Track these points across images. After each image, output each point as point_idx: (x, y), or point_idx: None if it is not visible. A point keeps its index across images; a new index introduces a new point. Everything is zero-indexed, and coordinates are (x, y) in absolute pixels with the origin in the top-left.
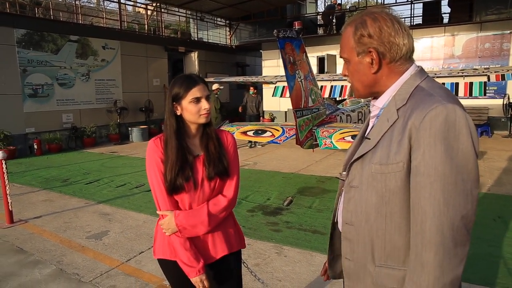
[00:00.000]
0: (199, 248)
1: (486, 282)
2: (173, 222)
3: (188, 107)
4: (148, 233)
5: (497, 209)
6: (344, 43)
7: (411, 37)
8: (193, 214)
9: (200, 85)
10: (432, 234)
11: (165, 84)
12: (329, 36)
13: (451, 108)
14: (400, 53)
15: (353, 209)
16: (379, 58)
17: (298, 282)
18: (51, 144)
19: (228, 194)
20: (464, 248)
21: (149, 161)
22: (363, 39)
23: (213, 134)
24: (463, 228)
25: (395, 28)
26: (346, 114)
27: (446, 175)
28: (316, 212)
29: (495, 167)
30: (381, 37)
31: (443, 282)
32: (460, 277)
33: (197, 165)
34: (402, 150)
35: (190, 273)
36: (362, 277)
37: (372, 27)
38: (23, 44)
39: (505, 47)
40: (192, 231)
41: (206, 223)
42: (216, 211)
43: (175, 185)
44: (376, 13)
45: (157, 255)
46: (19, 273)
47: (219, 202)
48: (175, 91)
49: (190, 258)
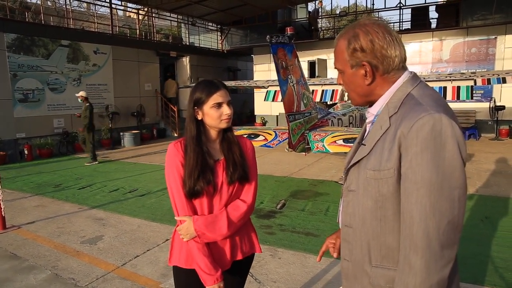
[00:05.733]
0: (215, 253)
1: (475, 280)
2: (192, 227)
3: (210, 112)
4: (143, 238)
5: (484, 210)
6: (337, 55)
7: (403, 47)
8: (212, 219)
9: (221, 90)
10: (419, 238)
11: (156, 89)
12: (320, 41)
13: (438, 118)
14: (393, 64)
15: (351, 212)
16: (373, 70)
17: (293, 283)
18: (42, 149)
19: (247, 200)
20: (452, 251)
21: (169, 165)
22: (356, 53)
23: (234, 138)
24: (450, 232)
25: (387, 41)
26: (337, 118)
27: (432, 182)
28: (309, 215)
29: (482, 169)
30: (374, 50)
31: (429, 284)
32: (446, 278)
33: (217, 169)
34: (392, 157)
35: (208, 280)
36: (360, 277)
37: (365, 40)
38: (13, 48)
39: (490, 52)
40: (211, 236)
41: (225, 228)
42: (236, 216)
43: (195, 190)
44: (368, 25)
45: (172, 262)
46: (14, 278)
47: (239, 207)
48: (196, 96)
49: (209, 265)
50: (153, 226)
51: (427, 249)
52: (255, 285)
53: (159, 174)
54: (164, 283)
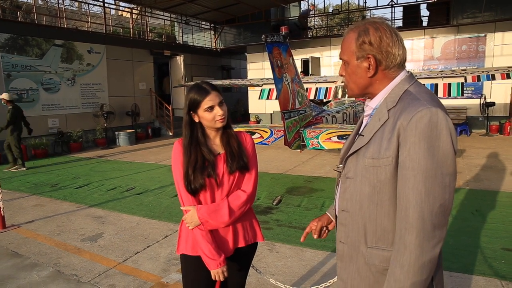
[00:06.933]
0: (218, 241)
1: (465, 269)
2: (196, 216)
3: (204, 115)
4: (143, 234)
5: (475, 203)
6: (345, 46)
7: (405, 49)
8: (214, 208)
9: (211, 94)
10: (414, 219)
11: (151, 88)
12: (313, 39)
13: (434, 111)
14: (395, 62)
15: (348, 198)
16: (376, 64)
17: (291, 276)
18: (37, 149)
19: (247, 189)
20: (442, 231)
21: (174, 161)
22: (364, 45)
23: (233, 133)
24: (440, 215)
25: (393, 40)
26: (331, 115)
27: (427, 169)
28: (304, 210)
29: (473, 164)
30: (380, 46)
31: (422, 261)
32: (437, 257)
33: (217, 163)
34: (391, 146)
35: (212, 264)
36: (355, 258)
37: (374, 36)
38: (6, 48)
39: (480, 49)
40: (213, 223)
41: (227, 216)
42: (236, 205)
43: (193, 188)
44: (378, 23)
45: (180, 251)
46: (17, 276)
47: (239, 196)
48: (190, 102)
49: (212, 251)
50: (152, 223)
51: (422, 230)
52: (256, 277)
53: (155, 173)
54: (165, 277)
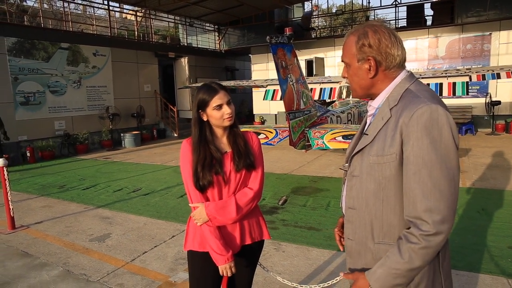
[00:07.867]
0: (226, 237)
1: (471, 268)
2: (204, 212)
3: (212, 114)
4: (150, 235)
5: (481, 202)
6: (346, 49)
7: (404, 49)
8: (222, 205)
9: (220, 93)
10: (421, 212)
11: (156, 89)
12: (317, 39)
13: (434, 108)
14: (394, 62)
15: (355, 195)
16: (376, 65)
17: (297, 275)
18: (44, 151)
19: (254, 187)
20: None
21: (183, 159)
22: (364, 48)
23: (239, 132)
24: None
25: (392, 41)
26: (336, 116)
27: (432, 163)
28: (310, 210)
29: (479, 163)
30: (380, 47)
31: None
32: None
33: (225, 161)
34: (395, 143)
35: (219, 260)
36: (363, 253)
37: (373, 38)
38: (14, 52)
39: (485, 48)
40: (221, 220)
41: (234, 212)
42: (243, 202)
43: (201, 185)
44: (377, 26)
45: (187, 248)
46: (27, 275)
47: (246, 194)
48: (199, 101)
49: (220, 247)
50: (159, 224)
51: None
52: (262, 275)
53: (161, 174)
54: (173, 276)
